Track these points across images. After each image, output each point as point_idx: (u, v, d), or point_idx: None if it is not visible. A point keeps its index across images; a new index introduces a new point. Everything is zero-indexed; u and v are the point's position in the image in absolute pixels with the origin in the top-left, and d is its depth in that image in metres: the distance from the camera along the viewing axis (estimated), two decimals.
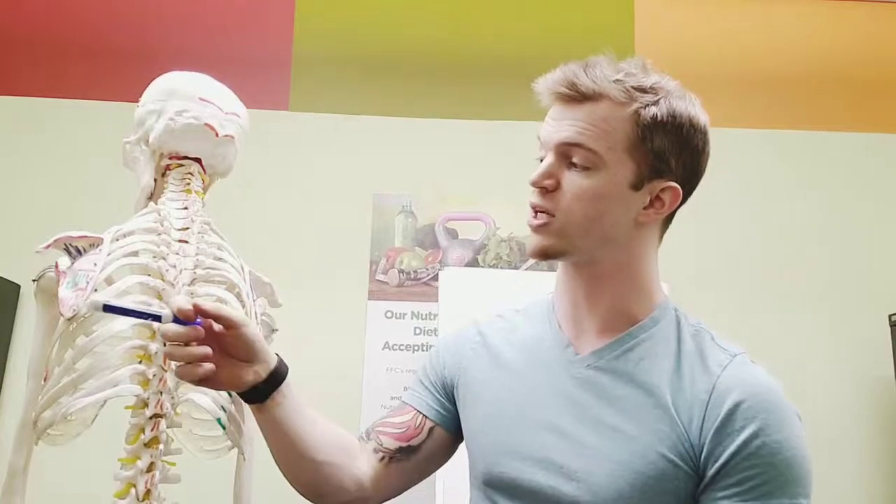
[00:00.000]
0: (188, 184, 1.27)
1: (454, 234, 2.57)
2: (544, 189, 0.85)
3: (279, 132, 2.56)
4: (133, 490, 1.03)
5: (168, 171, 1.28)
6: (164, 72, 1.32)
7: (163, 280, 1.11)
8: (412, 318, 2.47)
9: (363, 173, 2.59)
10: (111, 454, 1.08)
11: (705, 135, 0.87)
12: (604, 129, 0.83)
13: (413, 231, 2.56)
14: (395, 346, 2.43)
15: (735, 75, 2.75)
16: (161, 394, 1.06)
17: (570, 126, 0.84)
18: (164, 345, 1.06)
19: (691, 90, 0.88)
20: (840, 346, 2.51)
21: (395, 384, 2.36)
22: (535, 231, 0.87)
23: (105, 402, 1.05)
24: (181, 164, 1.28)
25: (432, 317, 2.45)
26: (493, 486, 0.89)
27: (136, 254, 1.13)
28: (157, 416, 1.06)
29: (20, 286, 2.38)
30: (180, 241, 1.17)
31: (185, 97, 1.26)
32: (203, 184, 1.30)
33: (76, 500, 1.84)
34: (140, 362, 1.07)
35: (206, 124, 1.26)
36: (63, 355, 1.08)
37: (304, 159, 2.60)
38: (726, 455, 0.77)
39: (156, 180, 1.29)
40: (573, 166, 0.84)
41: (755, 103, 2.75)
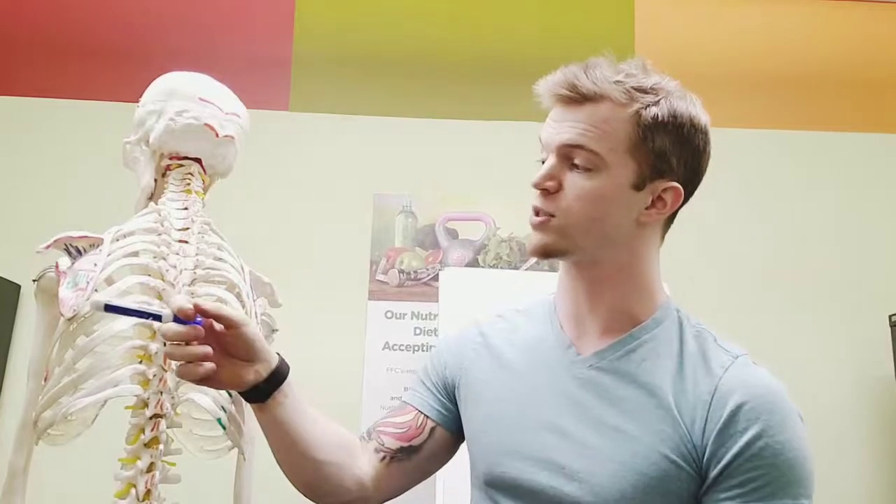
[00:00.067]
0: (188, 184, 1.27)
1: (454, 234, 2.57)
2: (546, 191, 0.86)
3: (279, 132, 2.56)
4: (133, 490, 1.03)
5: (168, 172, 1.29)
6: (164, 72, 1.32)
7: (163, 280, 1.11)
8: (412, 318, 2.47)
9: (363, 173, 2.59)
10: (111, 454, 1.08)
11: (706, 135, 0.87)
12: (605, 130, 0.83)
13: (413, 231, 2.56)
14: (396, 347, 2.43)
15: (735, 75, 2.74)
16: (161, 394, 1.07)
17: (572, 127, 0.84)
18: (165, 344, 1.07)
19: (691, 90, 0.88)
20: (840, 346, 2.51)
21: (395, 384, 2.35)
22: (536, 229, 0.87)
23: (105, 402, 1.05)
24: (181, 165, 1.28)
25: (432, 317, 2.45)
26: (494, 486, 0.89)
27: (136, 254, 1.13)
28: (157, 416, 1.06)
29: (20, 286, 2.38)
30: (180, 241, 1.17)
31: (186, 97, 1.26)
32: (203, 184, 1.30)
33: (76, 500, 1.84)
34: (140, 362, 1.07)
35: (206, 124, 1.26)
36: (63, 355, 1.08)
37: (304, 159, 2.60)
38: (729, 456, 0.77)
39: (156, 180, 1.29)
40: (575, 168, 0.84)
41: (755, 103, 2.75)
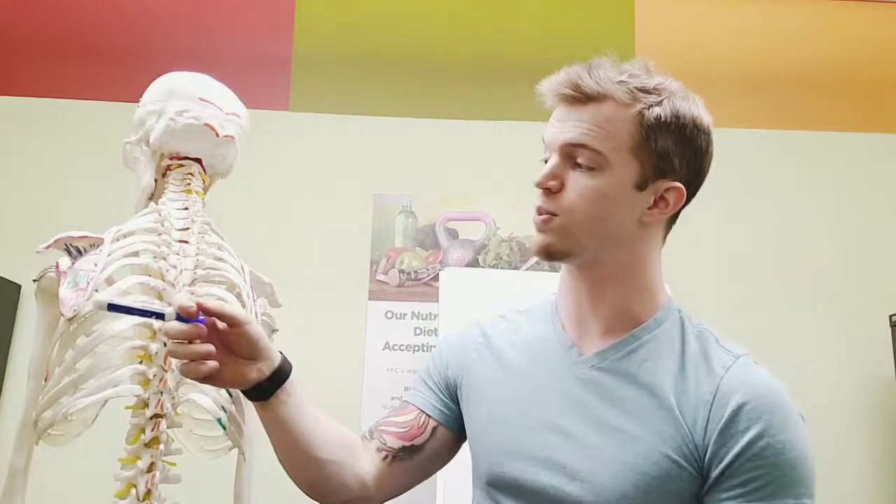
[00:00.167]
0: (188, 184, 1.27)
1: (454, 234, 2.57)
2: (549, 190, 0.86)
3: (279, 132, 2.56)
4: (133, 490, 1.03)
5: (168, 172, 1.28)
6: (164, 72, 1.32)
7: (163, 280, 1.11)
8: (412, 318, 2.47)
9: (363, 173, 2.59)
10: (111, 454, 1.08)
11: (709, 135, 0.87)
12: (608, 129, 0.83)
13: (413, 231, 2.55)
14: (396, 347, 2.43)
15: (735, 75, 2.74)
16: (161, 394, 1.07)
17: (575, 127, 0.84)
18: (165, 344, 1.07)
19: (691, 90, 0.88)
20: (841, 346, 2.51)
21: (395, 384, 2.35)
22: (539, 230, 0.87)
23: (105, 402, 1.05)
24: (182, 165, 1.28)
25: (433, 317, 2.45)
26: (496, 486, 0.89)
27: (136, 254, 1.13)
28: (157, 416, 1.06)
29: (21, 286, 2.38)
30: (181, 241, 1.17)
31: (186, 97, 1.26)
32: (203, 184, 1.30)
33: (76, 500, 1.84)
34: (140, 362, 1.07)
35: (206, 124, 1.26)
36: (63, 355, 1.08)
37: (304, 159, 2.60)
38: (730, 456, 0.77)
39: (156, 180, 1.29)
40: (578, 167, 0.84)
41: (755, 103, 2.75)
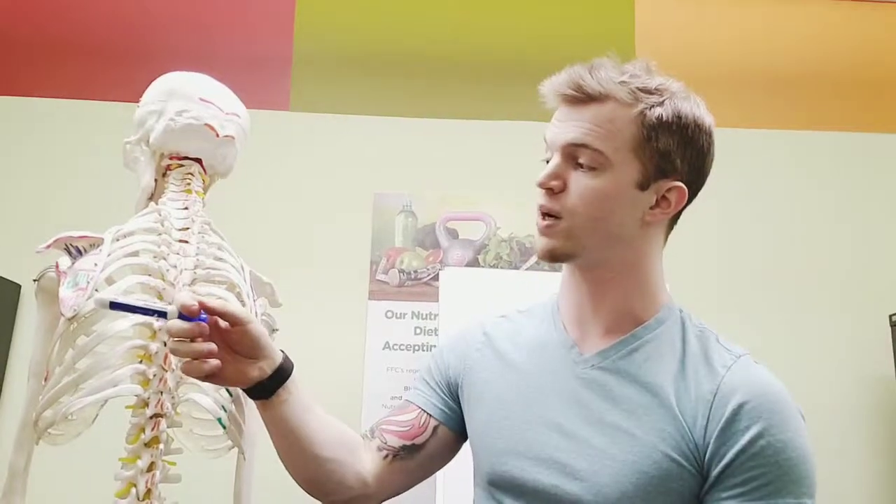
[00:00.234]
0: (188, 184, 1.27)
1: (455, 233, 2.57)
2: (551, 190, 0.86)
3: (279, 132, 2.56)
4: (133, 489, 1.03)
5: (168, 172, 1.28)
6: (164, 72, 1.32)
7: (163, 280, 1.11)
8: (412, 317, 2.47)
9: (363, 173, 2.59)
10: (112, 454, 1.09)
11: (710, 135, 0.88)
12: (609, 129, 0.83)
13: (413, 231, 2.55)
14: (396, 346, 2.43)
15: (735, 75, 2.74)
16: (161, 393, 1.07)
17: (577, 127, 0.84)
18: (165, 344, 1.07)
19: (692, 90, 0.89)
20: (841, 346, 2.51)
21: (395, 384, 2.35)
22: (543, 233, 0.87)
23: (105, 401, 1.05)
24: (182, 165, 1.28)
25: (433, 317, 2.45)
26: (497, 485, 0.89)
27: (136, 254, 1.13)
28: (157, 415, 1.06)
29: (21, 286, 2.38)
30: (181, 241, 1.17)
31: (186, 97, 1.26)
32: (203, 184, 1.30)
33: (76, 500, 1.85)
34: (140, 362, 1.07)
35: (206, 124, 1.26)
36: (64, 355, 1.08)
37: (305, 159, 2.60)
38: (731, 455, 0.77)
39: (156, 180, 1.29)
40: (580, 167, 0.85)
41: (755, 103, 2.75)
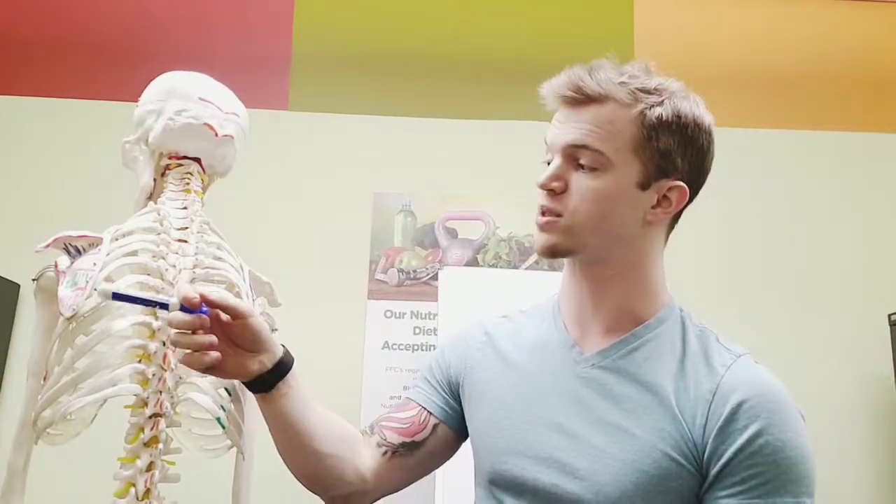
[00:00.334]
0: (187, 183, 1.27)
1: (454, 233, 2.57)
2: (552, 191, 0.86)
3: (278, 132, 2.56)
4: (132, 489, 1.03)
5: (167, 171, 1.28)
6: (163, 71, 1.31)
7: (162, 279, 1.11)
8: (412, 317, 2.46)
9: (362, 173, 2.59)
10: (111, 453, 1.08)
11: (710, 134, 0.88)
12: (610, 130, 0.83)
13: (413, 230, 2.55)
14: (395, 346, 2.42)
15: (734, 75, 2.74)
16: (160, 393, 1.07)
17: (577, 128, 0.85)
18: (164, 344, 1.07)
19: (691, 89, 0.89)
20: (840, 345, 2.51)
21: (394, 384, 2.35)
22: (543, 229, 0.87)
23: (105, 401, 1.05)
24: (180, 164, 1.28)
25: (432, 316, 2.45)
26: (497, 484, 0.89)
27: (135, 253, 1.13)
28: (156, 415, 1.06)
29: (20, 286, 2.38)
30: (179, 240, 1.17)
31: (185, 97, 1.26)
32: (202, 183, 1.30)
33: (75, 500, 1.84)
34: (139, 361, 1.07)
35: (205, 124, 1.26)
36: (63, 355, 1.08)
37: (304, 159, 2.60)
38: (729, 453, 0.77)
39: (155, 180, 1.29)
40: (581, 168, 0.85)
41: (755, 103, 2.75)
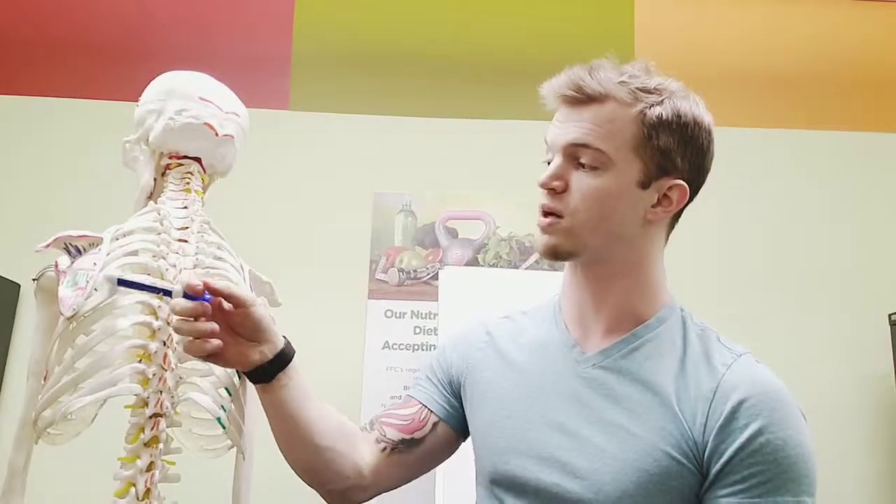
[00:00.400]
0: (188, 183, 1.27)
1: (454, 233, 2.57)
2: (553, 190, 0.86)
3: (279, 131, 2.56)
4: (133, 489, 1.03)
5: (168, 171, 1.28)
6: (164, 71, 1.31)
7: (162, 279, 1.11)
8: (412, 317, 2.46)
9: (363, 172, 2.59)
10: (111, 453, 1.08)
11: (710, 134, 0.88)
12: (610, 129, 0.84)
13: (413, 230, 2.55)
14: (395, 346, 2.42)
15: (735, 75, 2.74)
16: (161, 393, 1.07)
17: (577, 127, 0.85)
18: (164, 344, 1.07)
19: (691, 89, 0.90)
20: (840, 344, 2.51)
21: (395, 383, 2.35)
22: (544, 231, 0.87)
23: (105, 401, 1.05)
24: (181, 164, 1.28)
25: (432, 316, 2.45)
26: (499, 484, 0.90)
27: (135, 253, 1.13)
28: (156, 415, 1.06)
29: (20, 285, 2.38)
30: (180, 240, 1.17)
31: (185, 96, 1.26)
32: (203, 183, 1.30)
33: (76, 499, 1.84)
34: (140, 361, 1.07)
35: (205, 123, 1.26)
36: (63, 354, 1.08)
37: (304, 158, 2.60)
38: (730, 452, 0.77)
39: (155, 180, 1.29)
40: (581, 167, 0.85)
41: (755, 103, 2.75)
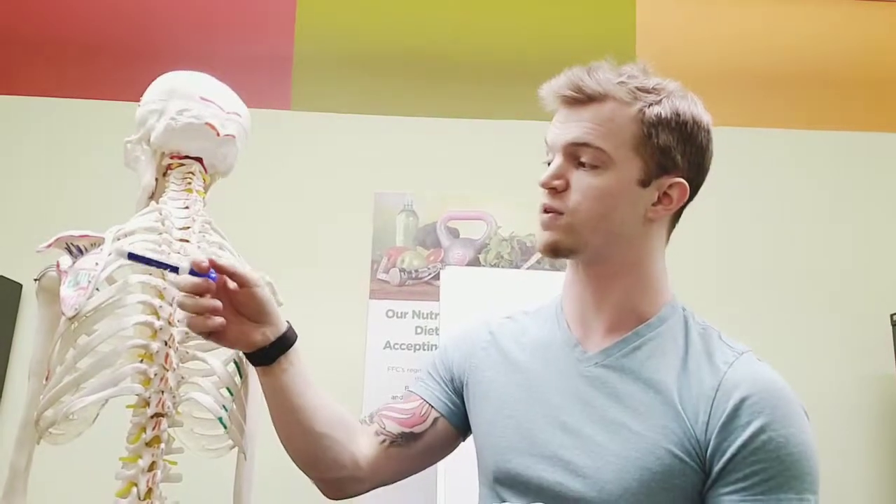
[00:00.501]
0: (189, 183, 1.27)
1: (455, 233, 2.57)
2: (554, 189, 0.87)
3: (280, 131, 2.56)
4: (134, 489, 1.03)
5: (169, 171, 1.28)
6: (165, 71, 1.31)
7: (163, 279, 1.11)
8: (413, 317, 2.46)
9: (364, 172, 2.59)
10: (113, 453, 1.09)
11: (708, 132, 0.89)
12: (610, 128, 0.85)
13: (414, 230, 2.55)
14: (397, 346, 2.42)
15: (737, 74, 2.74)
16: (163, 393, 1.07)
17: (578, 126, 0.86)
18: (165, 343, 1.08)
19: (693, 89, 0.90)
20: (841, 345, 2.51)
21: (396, 383, 2.35)
22: (545, 227, 0.88)
23: (106, 401, 1.05)
24: (182, 164, 1.28)
25: (434, 316, 2.45)
26: (502, 483, 0.90)
27: None
28: (158, 415, 1.06)
29: (22, 285, 2.38)
30: (181, 240, 1.17)
31: (187, 96, 1.26)
32: (204, 183, 1.30)
33: (77, 499, 1.84)
34: (141, 361, 1.07)
35: (207, 124, 1.26)
36: (65, 354, 1.08)
37: (306, 159, 2.60)
38: (732, 450, 0.77)
39: (157, 180, 1.29)
40: (582, 166, 0.86)
41: (757, 102, 2.75)
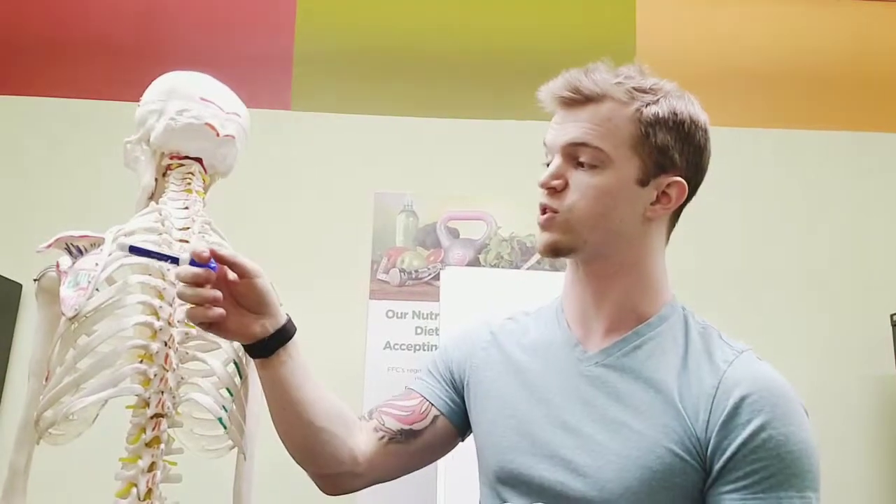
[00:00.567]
0: (189, 183, 1.27)
1: (456, 233, 2.57)
2: (553, 189, 0.87)
3: (280, 131, 2.56)
4: (134, 489, 1.03)
5: (169, 171, 1.28)
6: (165, 71, 1.31)
7: (163, 279, 1.11)
8: (413, 317, 2.46)
9: (364, 172, 2.59)
10: (112, 453, 1.09)
11: (706, 132, 0.90)
12: (608, 127, 0.85)
13: (414, 230, 2.55)
14: (397, 346, 2.42)
15: (737, 74, 2.74)
16: (162, 393, 1.07)
17: (576, 127, 0.86)
18: (165, 344, 1.08)
19: (693, 88, 0.91)
20: (841, 344, 2.51)
21: (396, 384, 2.33)
22: (543, 227, 0.88)
23: (106, 401, 1.05)
24: (182, 164, 1.28)
25: (434, 316, 2.44)
26: (503, 482, 0.90)
27: None
28: (158, 415, 1.06)
29: (22, 286, 2.38)
30: (181, 240, 1.17)
31: (186, 97, 1.26)
32: (204, 183, 1.30)
33: (78, 500, 1.85)
34: (141, 362, 1.07)
35: (206, 124, 1.26)
36: (64, 355, 1.08)
37: (306, 158, 2.60)
38: (732, 448, 0.77)
39: (157, 180, 1.29)
40: (580, 166, 0.87)
41: (758, 102, 2.75)
